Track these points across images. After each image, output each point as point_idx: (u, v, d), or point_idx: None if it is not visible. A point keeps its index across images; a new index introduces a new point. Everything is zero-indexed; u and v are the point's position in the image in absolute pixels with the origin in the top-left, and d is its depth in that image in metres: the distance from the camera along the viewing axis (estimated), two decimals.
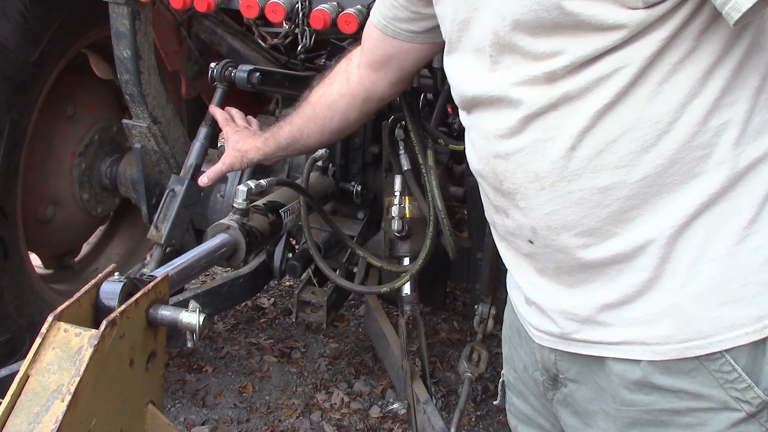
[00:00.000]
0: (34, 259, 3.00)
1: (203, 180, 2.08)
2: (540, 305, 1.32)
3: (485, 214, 1.40)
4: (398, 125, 2.38)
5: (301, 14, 2.37)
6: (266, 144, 1.97)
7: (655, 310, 1.19)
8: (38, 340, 1.15)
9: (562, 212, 1.20)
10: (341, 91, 1.78)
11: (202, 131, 2.49)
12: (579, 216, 1.19)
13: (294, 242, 2.80)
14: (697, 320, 1.17)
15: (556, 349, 1.33)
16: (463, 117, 1.36)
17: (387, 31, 1.58)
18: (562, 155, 1.16)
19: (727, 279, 1.16)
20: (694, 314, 1.17)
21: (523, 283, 1.36)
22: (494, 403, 1.73)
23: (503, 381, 1.60)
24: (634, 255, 1.18)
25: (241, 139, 2.04)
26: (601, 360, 1.26)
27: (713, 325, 1.16)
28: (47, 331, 1.16)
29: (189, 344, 1.30)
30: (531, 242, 1.27)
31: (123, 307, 1.20)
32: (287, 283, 4.02)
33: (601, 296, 1.22)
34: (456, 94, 1.34)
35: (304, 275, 2.63)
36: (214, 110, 2.24)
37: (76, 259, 3.32)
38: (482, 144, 1.28)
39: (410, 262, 2.36)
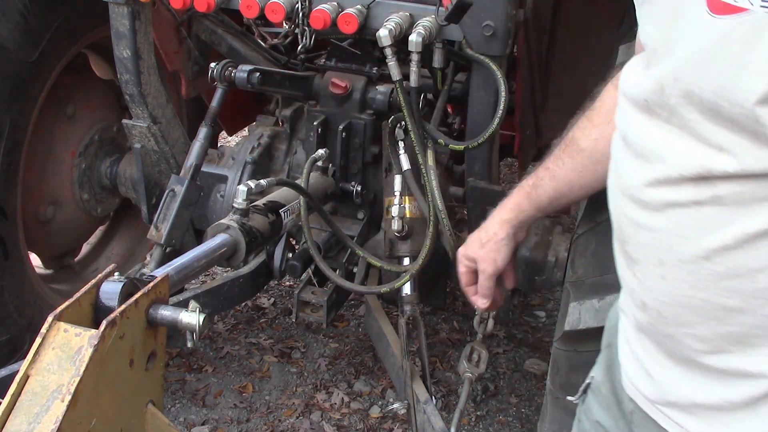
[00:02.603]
0: (34, 259, 3.00)
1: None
2: (639, 356, 1.25)
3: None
4: (398, 125, 2.38)
5: (301, 14, 2.37)
6: (520, 213, 1.66)
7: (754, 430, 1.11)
8: (38, 340, 1.16)
9: (677, 309, 1.10)
10: None
11: (202, 131, 2.49)
12: (695, 320, 1.09)
13: (294, 242, 2.79)
14: None
15: (634, 401, 1.27)
16: (617, 140, 1.21)
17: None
18: (693, 260, 1.05)
19: None
20: None
21: (626, 321, 1.28)
22: (569, 398, 1.57)
23: (589, 383, 1.49)
24: (744, 376, 1.10)
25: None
26: None
27: None
28: (47, 331, 1.16)
29: (189, 344, 1.31)
30: (640, 310, 1.19)
31: (123, 307, 1.21)
32: (287, 283, 4.01)
33: (700, 393, 1.15)
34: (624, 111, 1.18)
35: (304, 275, 2.62)
36: None
37: (76, 259, 3.32)
38: (618, 193, 1.18)
39: (410, 262, 2.36)
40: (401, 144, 2.38)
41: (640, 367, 1.26)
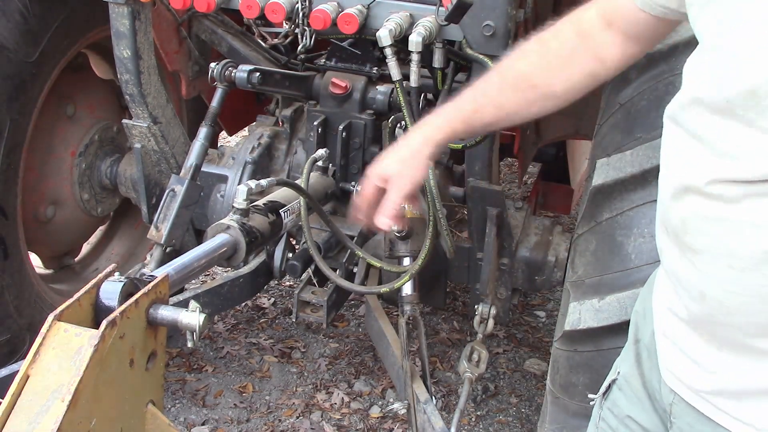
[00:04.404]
0: (34, 259, 3.00)
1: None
2: (684, 348, 1.25)
3: (657, 215, 1.29)
4: (398, 125, 2.39)
5: (301, 14, 2.37)
6: (451, 134, 1.57)
7: None
8: (38, 340, 1.16)
9: (742, 298, 1.11)
10: (596, 72, 1.47)
11: (202, 131, 2.49)
12: (760, 308, 1.11)
13: (294, 242, 2.80)
14: None
15: (676, 392, 1.27)
16: (675, 133, 1.19)
17: (641, 5, 1.35)
18: (765, 249, 1.07)
19: None
20: None
21: (670, 315, 1.27)
22: (591, 396, 1.59)
23: (615, 380, 1.49)
24: None
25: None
26: (723, 429, 1.20)
27: None
28: (47, 331, 1.16)
29: (189, 344, 1.31)
30: (695, 301, 1.19)
31: (123, 307, 1.21)
32: (287, 283, 4.01)
33: (752, 378, 1.16)
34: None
35: (304, 275, 2.63)
36: None
37: (76, 259, 3.32)
38: (679, 186, 1.16)
39: (410, 262, 2.36)
40: None
41: (685, 358, 1.25)
